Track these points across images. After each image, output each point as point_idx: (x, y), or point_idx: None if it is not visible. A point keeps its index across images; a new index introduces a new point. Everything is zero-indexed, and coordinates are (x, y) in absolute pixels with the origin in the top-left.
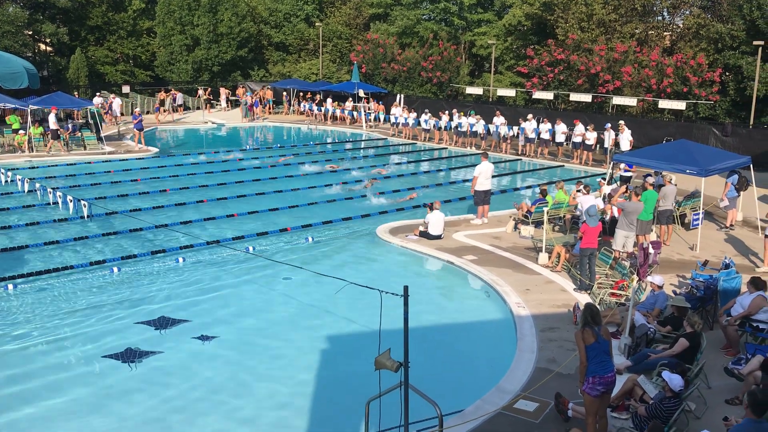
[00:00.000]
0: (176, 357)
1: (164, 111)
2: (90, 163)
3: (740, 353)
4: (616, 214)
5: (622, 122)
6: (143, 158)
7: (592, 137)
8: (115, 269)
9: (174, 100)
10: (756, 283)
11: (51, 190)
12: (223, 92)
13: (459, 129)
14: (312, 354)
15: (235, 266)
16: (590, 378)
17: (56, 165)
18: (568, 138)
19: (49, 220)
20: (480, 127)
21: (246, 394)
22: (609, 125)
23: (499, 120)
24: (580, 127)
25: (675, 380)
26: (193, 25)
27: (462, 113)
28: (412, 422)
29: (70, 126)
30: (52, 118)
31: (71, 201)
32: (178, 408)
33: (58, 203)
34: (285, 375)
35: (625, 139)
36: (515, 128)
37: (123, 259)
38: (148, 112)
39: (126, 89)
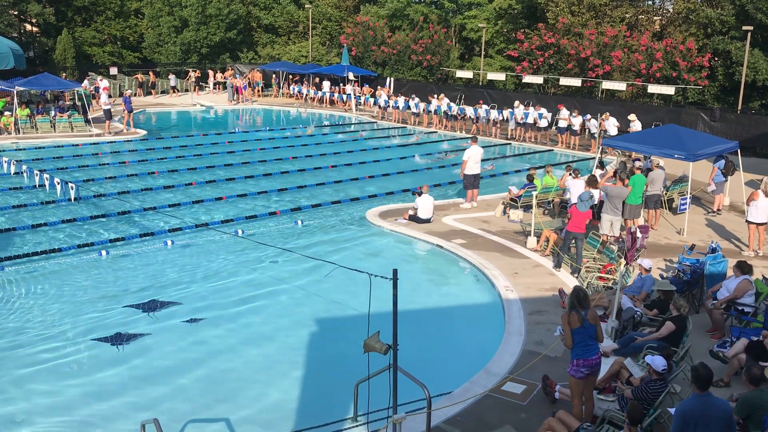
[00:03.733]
0: (163, 340)
1: (155, 93)
2: (78, 145)
3: (725, 336)
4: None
5: (606, 113)
6: (131, 140)
7: (576, 122)
8: (104, 252)
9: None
10: (742, 267)
11: (38, 173)
12: (212, 75)
13: (448, 113)
14: (301, 336)
15: (224, 249)
16: (575, 360)
17: (43, 147)
18: (556, 123)
19: (36, 203)
20: (470, 111)
21: (234, 377)
22: (588, 116)
23: (481, 109)
24: (564, 112)
25: (657, 361)
26: (181, 6)
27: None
28: (400, 404)
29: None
30: (104, 98)
31: (58, 183)
32: (161, 389)
33: (45, 185)
34: (273, 357)
35: (612, 125)
36: (505, 112)
37: (111, 241)
38: (136, 95)
39: (114, 71)
